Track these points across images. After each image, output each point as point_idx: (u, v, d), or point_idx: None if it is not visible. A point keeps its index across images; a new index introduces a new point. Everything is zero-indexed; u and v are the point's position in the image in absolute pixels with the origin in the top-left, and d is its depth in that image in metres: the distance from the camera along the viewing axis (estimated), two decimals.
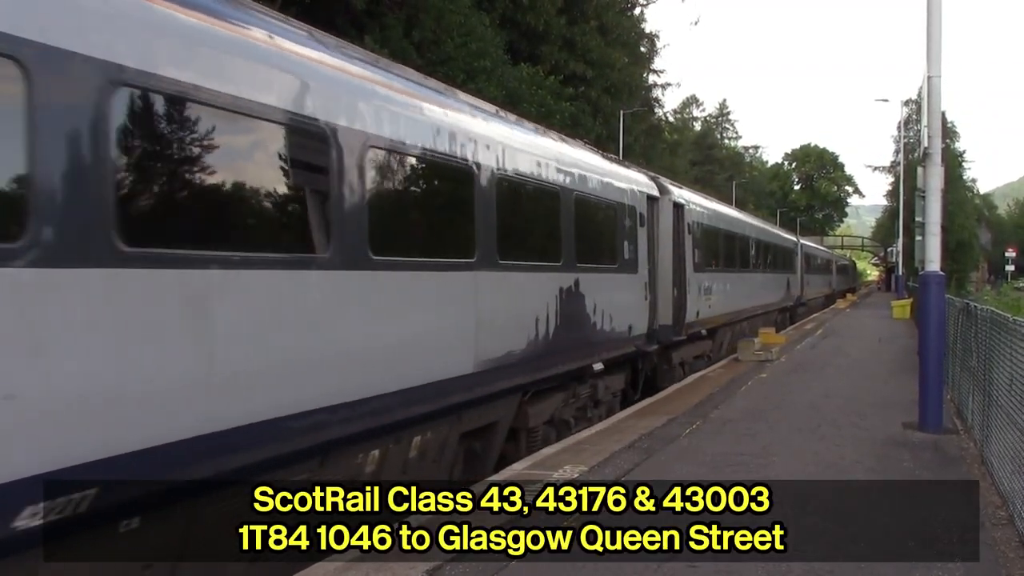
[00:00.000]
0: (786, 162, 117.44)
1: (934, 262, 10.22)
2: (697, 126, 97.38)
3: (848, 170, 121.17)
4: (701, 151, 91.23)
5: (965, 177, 77.26)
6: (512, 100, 27.42)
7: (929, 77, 10.19)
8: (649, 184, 13.97)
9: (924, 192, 10.42)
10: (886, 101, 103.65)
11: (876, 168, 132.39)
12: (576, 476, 7.78)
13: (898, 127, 62.23)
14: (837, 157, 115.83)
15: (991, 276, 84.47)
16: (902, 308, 32.35)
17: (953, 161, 65.21)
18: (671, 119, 71.57)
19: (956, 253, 60.60)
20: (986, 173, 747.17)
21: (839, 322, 31.84)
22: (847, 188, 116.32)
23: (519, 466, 8.39)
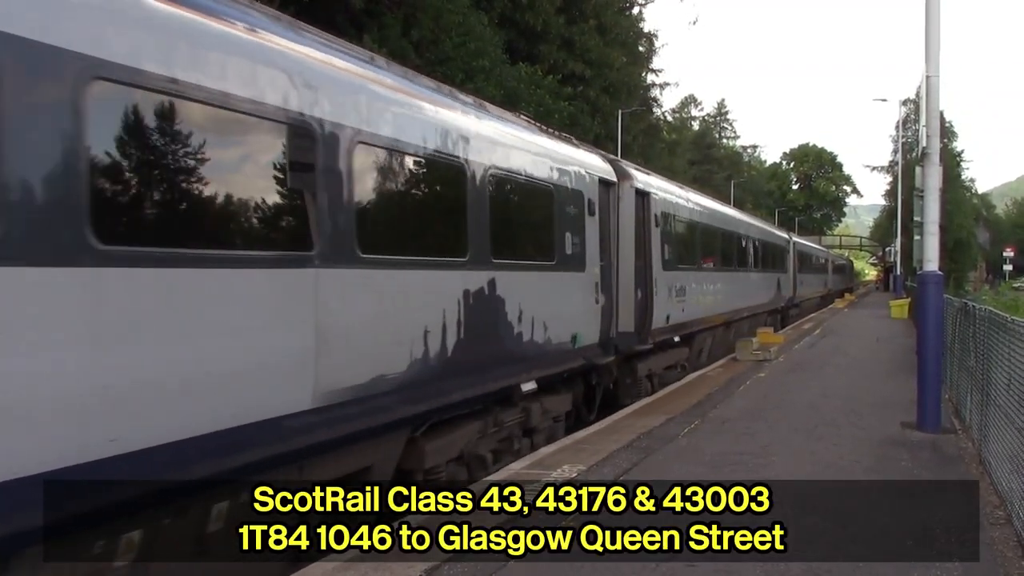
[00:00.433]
0: (784, 162, 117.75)
1: (932, 262, 10.23)
2: (695, 126, 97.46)
3: (846, 170, 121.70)
4: (699, 151, 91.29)
5: (963, 177, 77.43)
6: (510, 99, 27.41)
7: (927, 77, 10.20)
8: (604, 167, 11.99)
9: (922, 192, 10.43)
10: (884, 101, 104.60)
11: (874, 168, 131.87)
12: (575, 476, 7.78)
13: (896, 127, 62.45)
14: (835, 157, 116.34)
15: (989, 276, 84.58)
16: (900, 308, 32.39)
17: (951, 161, 65.30)
18: (669, 119, 71.77)
19: (954, 253, 60.68)
20: (984, 173, 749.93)
21: (837, 321, 31.87)
22: (845, 188, 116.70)
23: (517, 465, 8.40)
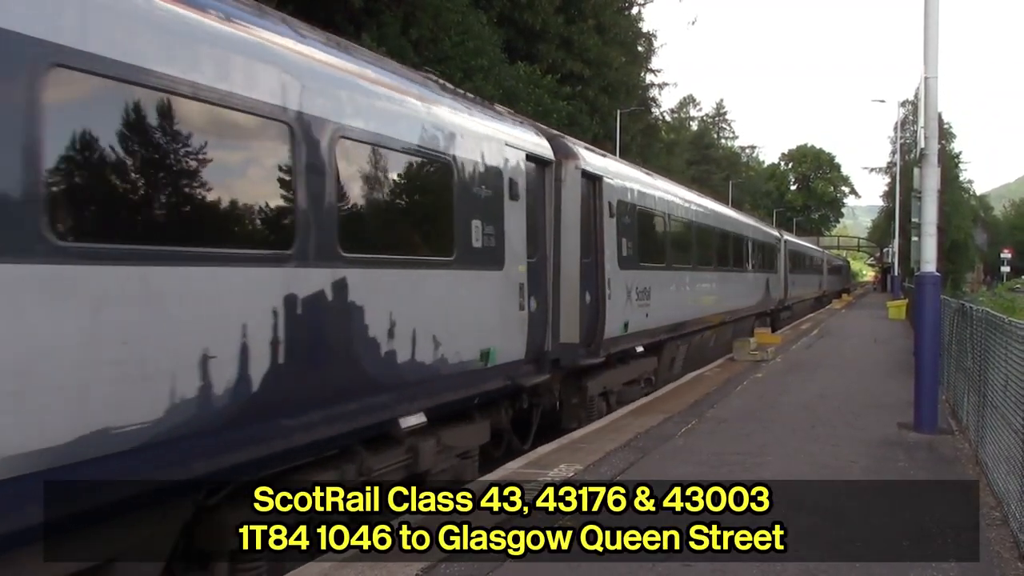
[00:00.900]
0: (783, 162, 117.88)
1: (930, 263, 10.26)
2: (694, 126, 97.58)
3: (845, 170, 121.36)
4: (698, 151, 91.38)
5: (961, 178, 77.50)
6: (509, 99, 27.41)
7: (926, 78, 10.23)
8: (536, 141, 9.74)
9: (920, 193, 10.46)
10: (883, 102, 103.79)
11: (873, 169, 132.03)
12: (572, 475, 7.80)
13: (895, 128, 62.51)
14: (834, 157, 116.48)
15: (987, 277, 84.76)
16: (898, 308, 32.48)
17: (949, 162, 65.34)
18: (668, 119, 71.81)
19: (952, 254, 60.79)
20: (982, 174, 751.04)
21: (835, 322, 31.91)
22: (843, 188, 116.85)
23: (514, 465, 8.41)
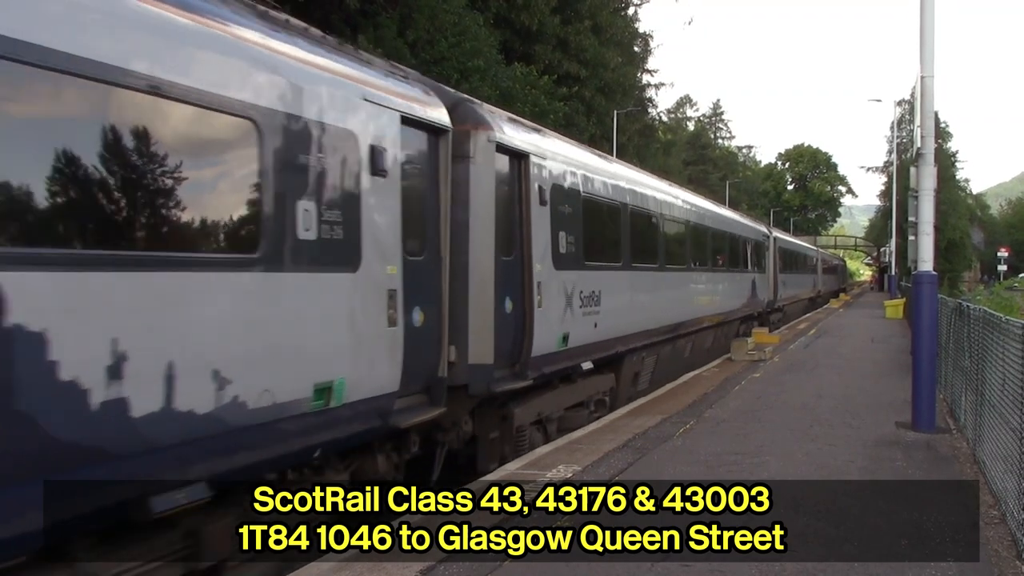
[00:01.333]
0: (779, 162, 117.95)
1: (927, 262, 10.29)
2: (691, 126, 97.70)
3: (841, 170, 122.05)
4: (695, 151, 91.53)
5: (958, 177, 77.77)
6: (506, 100, 27.42)
7: (922, 77, 10.25)
8: (421, 100, 7.51)
9: (917, 192, 10.48)
10: (879, 101, 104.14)
11: (869, 168, 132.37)
12: (570, 476, 7.80)
13: (891, 127, 62.73)
14: (830, 157, 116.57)
15: (984, 276, 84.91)
16: (895, 308, 32.53)
17: (946, 161, 65.53)
18: (665, 119, 71.74)
19: (948, 253, 61.00)
20: (979, 173, 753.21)
21: (832, 322, 31.94)
22: (840, 188, 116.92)
23: (512, 466, 8.42)
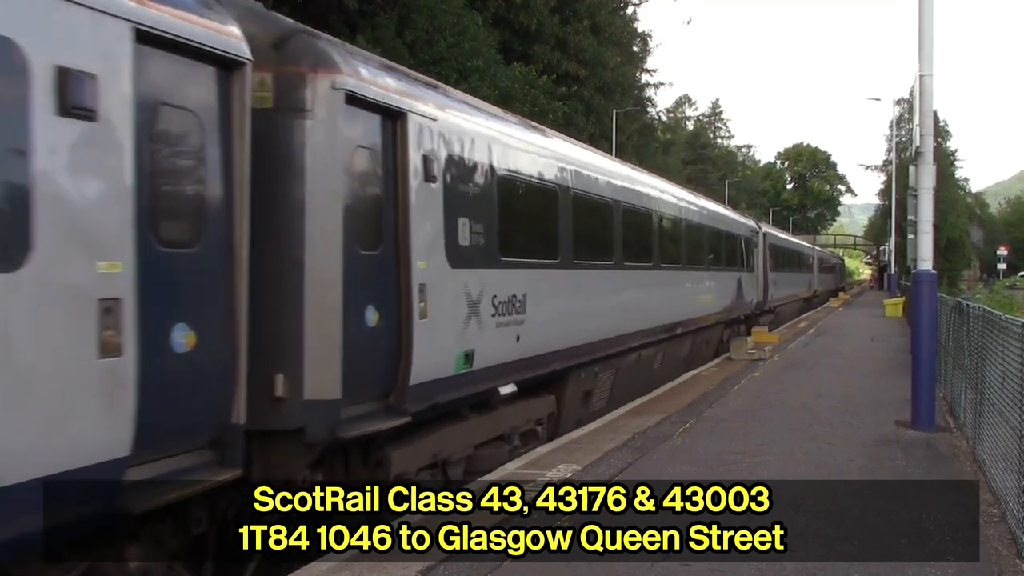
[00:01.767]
0: (778, 161, 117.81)
1: (926, 260, 10.29)
2: (690, 125, 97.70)
3: (840, 169, 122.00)
4: (694, 150, 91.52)
5: (957, 176, 77.73)
6: (505, 99, 27.41)
7: (921, 76, 10.25)
8: (195, 8, 5.03)
9: (916, 191, 10.49)
10: (878, 100, 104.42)
11: (868, 167, 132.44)
12: (570, 475, 7.80)
13: (890, 126, 62.71)
14: (829, 156, 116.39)
15: (983, 274, 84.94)
16: (895, 306, 32.55)
17: (945, 160, 65.48)
18: (664, 118, 71.75)
19: (948, 251, 60.96)
20: (978, 172, 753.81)
21: (831, 321, 31.95)
22: (839, 187, 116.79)
23: (512, 466, 8.41)
